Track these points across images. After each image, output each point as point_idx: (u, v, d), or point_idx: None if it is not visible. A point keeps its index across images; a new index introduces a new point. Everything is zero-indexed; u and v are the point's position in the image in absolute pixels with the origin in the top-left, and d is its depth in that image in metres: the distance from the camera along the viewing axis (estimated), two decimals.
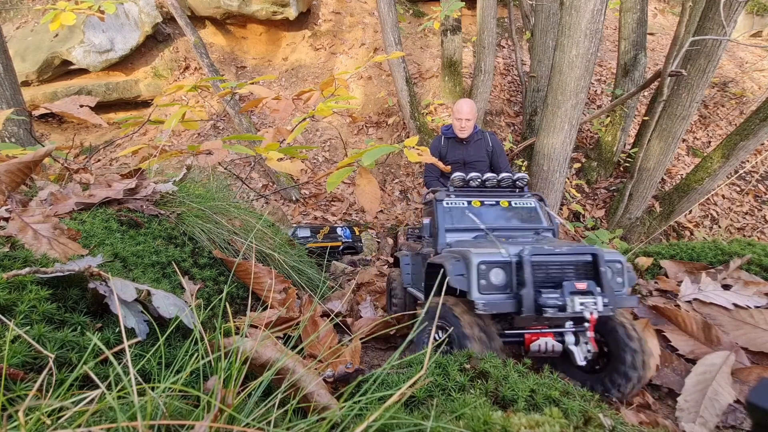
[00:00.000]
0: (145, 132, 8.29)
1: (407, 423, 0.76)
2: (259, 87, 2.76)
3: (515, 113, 9.13)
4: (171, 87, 2.76)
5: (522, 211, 2.37)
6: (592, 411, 0.95)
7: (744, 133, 5.44)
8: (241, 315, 1.56)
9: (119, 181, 1.68)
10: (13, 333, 0.73)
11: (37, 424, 0.57)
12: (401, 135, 8.63)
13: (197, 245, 1.63)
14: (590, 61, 4.37)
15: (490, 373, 1.07)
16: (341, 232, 5.61)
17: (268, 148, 2.32)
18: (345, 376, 0.99)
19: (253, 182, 7.76)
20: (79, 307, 0.93)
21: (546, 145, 4.82)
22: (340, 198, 7.77)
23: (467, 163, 3.92)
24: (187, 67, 9.62)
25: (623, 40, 7.16)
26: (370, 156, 2.01)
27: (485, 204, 2.33)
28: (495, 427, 0.80)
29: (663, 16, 12.97)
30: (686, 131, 7.30)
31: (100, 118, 1.83)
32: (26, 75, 8.25)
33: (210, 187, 2.17)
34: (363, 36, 10.52)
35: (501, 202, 2.33)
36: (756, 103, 9.10)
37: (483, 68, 7.53)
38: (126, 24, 9.03)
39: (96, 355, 0.80)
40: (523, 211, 2.37)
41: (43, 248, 1.06)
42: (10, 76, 3.59)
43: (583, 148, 8.37)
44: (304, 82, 9.81)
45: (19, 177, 1.31)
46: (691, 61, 5.33)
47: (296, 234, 5.15)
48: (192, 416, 0.71)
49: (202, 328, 0.88)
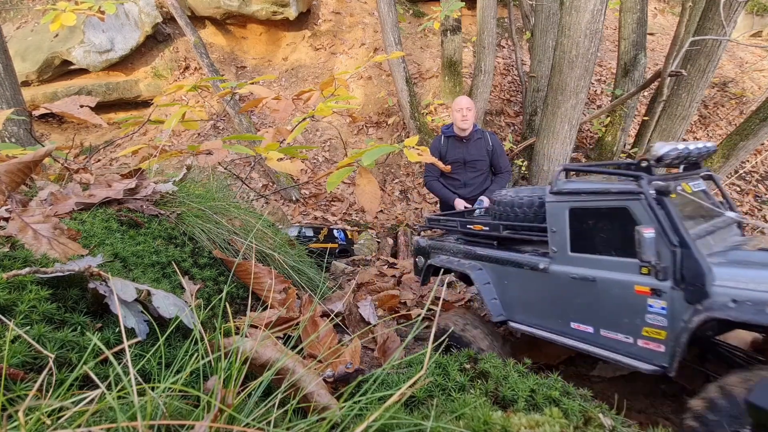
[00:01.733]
0: (145, 132, 8.29)
1: (407, 423, 0.76)
2: (259, 87, 2.76)
3: (515, 113, 9.13)
4: (171, 87, 2.76)
5: (703, 195, 1.72)
6: (592, 411, 0.95)
7: (744, 133, 5.44)
8: (241, 315, 1.56)
9: (119, 181, 1.68)
10: (13, 333, 0.73)
11: (37, 424, 0.57)
12: (401, 135, 8.63)
13: (197, 245, 1.63)
14: (590, 61, 4.37)
15: (490, 373, 1.07)
16: (337, 234, 5.63)
17: (268, 148, 2.32)
18: (345, 376, 0.99)
19: (253, 182, 7.76)
20: (79, 307, 0.93)
21: (546, 145, 4.82)
22: (340, 198, 7.77)
23: (467, 162, 3.92)
24: (187, 67, 9.62)
25: (623, 40, 7.15)
26: (370, 156, 2.01)
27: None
28: (495, 427, 0.80)
29: (663, 16, 12.97)
30: (686, 131, 7.30)
31: (100, 118, 1.83)
32: (26, 75, 8.24)
33: (210, 187, 2.17)
34: (363, 36, 10.52)
35: (684, 186, 1.65)
36: (756, 103, 9.09)
37: (483, 68, 7.52)
38: (126, 24, 9.02)
39: (96, 355, 0.80)
40: (704, 195, 1.73)
41: (43, 248, 1.06)
42: (10, 76, 3.59)
43: (583, 148, 8.37)
44: (304, 82, 9.81)
45: (19, 177, 1.31)
46: (691, 61, 5.33)
47: (303, 233, 5.17)
48: (192, 416, 0.71)
49: (202, 328, 0.87)
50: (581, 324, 1.65)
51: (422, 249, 2.41)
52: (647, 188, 1.45)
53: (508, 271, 1.90)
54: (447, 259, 2.20)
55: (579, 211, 1.64)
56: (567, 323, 1.70)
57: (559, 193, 1.70)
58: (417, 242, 2.48)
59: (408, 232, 6.51)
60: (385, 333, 1.74)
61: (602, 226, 1.58)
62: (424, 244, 2.41)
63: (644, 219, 1.45)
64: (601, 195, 1.58)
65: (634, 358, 1.49)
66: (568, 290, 1.67)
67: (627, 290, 1.50)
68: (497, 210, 2.08)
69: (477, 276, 1.98)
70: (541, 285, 1.76)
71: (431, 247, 2.34)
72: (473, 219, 2.41)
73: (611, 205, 1.55)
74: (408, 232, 6.51)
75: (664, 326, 1.41)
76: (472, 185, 3.99)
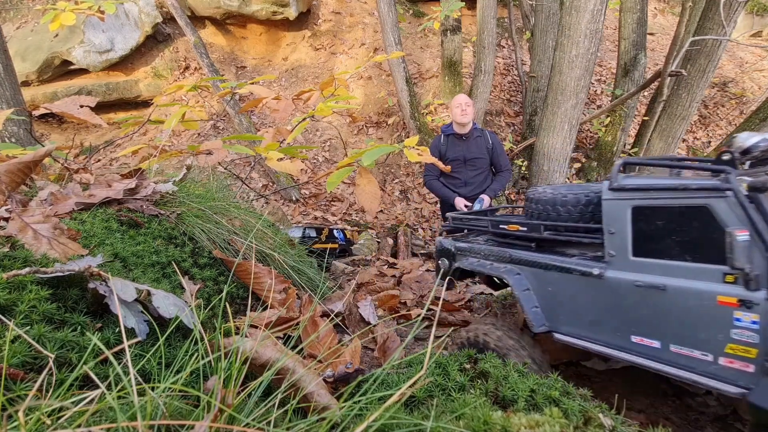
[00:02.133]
0: (145, 132, 8.29)
1: (407, 423, 0.76)
2: (259, 87, 2.76)
3: (515, 113, 9.13)
4: (171, 87, 2.76)
5: None
6: (592, 411, 0.95)
7: None
8: (241, 315, 1.56)
9: (119, 181, 1.68)
10: (13, 333, 0.73)
11: (37, 424, 0.57)
12: (401, 135, 8.63)
13: (197, 245, 1.63)
14: (590, 61, 4.37)
15: (490, 373, 1.07)
16: (337, 235, 5.66)
17: (268, 148, 2.32)
18: (345, 376, 0.99)
19: (253, 182, 7.76)
20: (79, 307, 0.93)
21: (546, 145, 4.82)
22: (340, 198, 7.77)
23: (468, 160, 3.92)
24: (187, 67, 9.62)
25: (623, 40, 7.16)
26: (370, 156, 2.01)
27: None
28: (495, 427, 0.80)
29: (663, 16, 12.97)
30: (686, 131, 7.30)
31: (100, 118, 1.83)
32: (26, 75, 8.25)
33: (210, 187, 2.17)
34: (363, 36, 10.52)
35: None
36: (756, 103, 9.10)
37: (483, 68, 7.53)
38: (126, 24, 9.03)
39: (96, 355, 0.80)
40: None
41: (43, 248, 1.06)
42: (10, 76, 3.59)
43: (583, 148, 8.37)
44: (304, 82, 9.81)
45: (19, 177, 1.31)
46: (691, 61, 5.34)
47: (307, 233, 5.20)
48: (192, 416, 0.71)
49: (202, 328, 0.87)
50: (645, 338, 1.46)
51: (446, 251, 2.20)
52: (736, 184, 1.26)
53: (552, 277, 1.68)
54: (478, 262, 2.00)
55: (645, 210, 1.45)
56: (627, 336, 1.50)
57: (619, 189, 1.51)
58: (440, 243, 2.27)
59: (408, 232, 6.51)
60: (385, 333, 1.74)
61: (674, 228, 1.39)
62: (448, 245, 2.19)
63: (729, 219, 1.27)
64: (673, 192, 1.38)
65: (714, 379, 1.30)
66: (629, 299, 1.47)
67: (707, 301, 1.30)
68: (535, 209, 1.90)
69: (516, 281, 1.77)
70: (594, 293, 1.56)
71: (458, 248, 2.15)
72: (507, 218, 2.24)
73: (687, 203, 1.35)
74: (408, 232, 6.51)
75: (755, 343, 1.23)
76: (472, 184, 3.99)
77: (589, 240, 1.63)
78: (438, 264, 2.27)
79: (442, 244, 2.25)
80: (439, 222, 7.17)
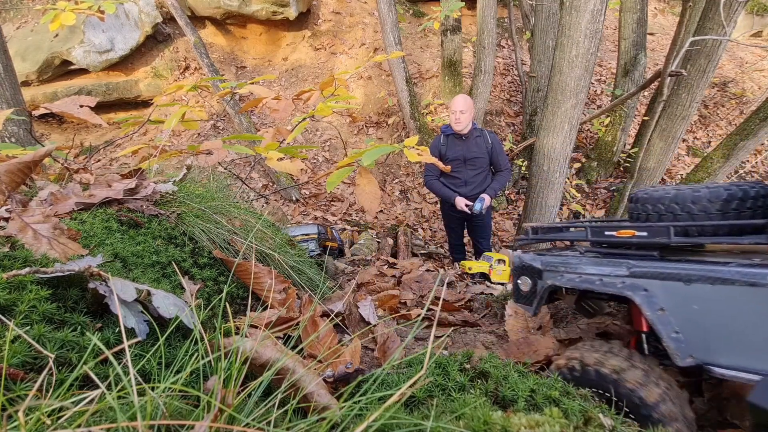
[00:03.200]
0: (145, 132, 8.29)
1: (407, 423, 0.76)
2: (259, 87, 2.76)
3: (515, 113, 9.13)
4: (171, 87, 2.76)
5: None
6: (592, 411, 0.95)
7: (744, 133, 5.44)
8: (241, 315, 1.56)
9: (119, 181, 1.68)
10: (13, 333, 0.73)
11: (37, 424, 0.57)
12: (401, 135, 8.63)
13: (197, 245, 1.63)
14: (590, 61, 4.37)
15: (490, 373, 1.07)
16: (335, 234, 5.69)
17: (268, 148, 2.32)
18: (345, 376, 0.99)
19: (253, 182, 7.76)
20: (79, 307, 0.93)
21: (546, 145, 4.82)
22: (340, 198, 7.77)
23: (467, 160, 3.92)
24: (187, 67, 9.62)
25: (623, 40, 7.16)
26: (370, 156, 2.01)
27: None
28: (495, 427, 0.80)
29: (663, 16, 12.96)
30: (686, 131, 7.31)
31: (100, 118, 1.83)
32: (26, 75, 8.25)
33: (210, 187, 2.17)
34: (363, 36, 10.52)
35: None
36: (756, 103, 9.10)
37: (483, 68, 7.53)
38: (126, 24, 9.03)
39: (96, 355, 0.80)
40: None
41: (43, 248, 1.06)
42: (10, 76, 3.59)
43: (583, 148, 8.37)
44: (304, 82, 9.81)
45: (19, 177, 1.31)
46: (691, 61, 5.34)
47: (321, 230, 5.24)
48: (192, 416, 0.71)
49: (202, 328, 0.88)
50: None
51: (530, 268, 1.80)
52: None
53: (698, 292, 1.31)
54: (581, 279, 1.60)
55: None
56: None
57: None
58: (520, 260, 1.85)
59: (408, 232, 6.50)
60: (385, 333, 1.74)
61: None
62: (532, 261, 1.80)
63: None
64: None
65: None
66: None
67: None
68: (653, 210, 1.60)
69: (644, 301, 1.39)
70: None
71: (547, 264, 1.76)
72: (613, 223, 1.91)
73: None
74: (408, 232, 6.50)
75: None
76: (472, 183, 3.99)
77: (748, 242, 1.31)
78: (516, 284, 1.86)
79: (522, 260, 1.84)
80: (439, 222, 7.16)
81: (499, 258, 3.46)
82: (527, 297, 1.83)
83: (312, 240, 3.20)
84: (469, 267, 3.56)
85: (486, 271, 3.49)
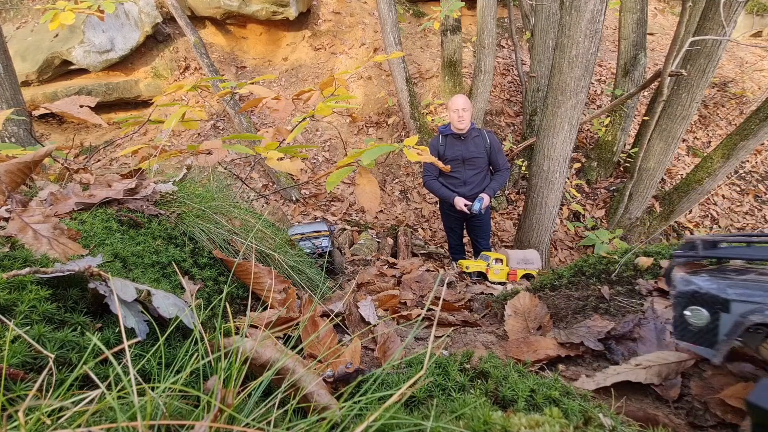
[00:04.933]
0: (145, 132, 8.29)
1: (407, 423, 0.76)
2: (259, 87, 2.76)
3: (515, 113, 9.13)
4: (171, 87, 2.76)
5: None
6: (592, 411, 0.95)
7: (744, 133, 5.44)
8: (241, 315, 1.56)
9: (119, 181, 1.68)
10: (13, 333, 0.73)
11: (37, 424, 0.57)
12: (401, 135, 8.63)
13: (197, 245, 1.63)
14: (590, 61, 4.36)
15: (490, 373, 1.07)
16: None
17: (268, 148, 2.32)
18: (345, 376, 0.99)
19: (253, 182, 7.76)
20: (79, 307, 0.93)
21: (546, 145, 4.82)
22: (340, 198, 7.77)
23: (466, 160, 3.92)
24: (187, 67, 9.62)
25: (623, 40, 7.16)
26: (370, 155, 2.01)
27: None
28: (495, 427, 0.80)
29: (663, 16, 12.96)
30: (686, 131, 7.31)
31: (100, 118, 1.83)
32: (26, 75, 8.25)
33: (210, 187, 2.17)
34: (363, 36, 10.52)
35: None
36: (756, 103, 9.10)
37: (483, 68, 7.53)
38: (126, 24, 9.03)
39: (96, 355, 0.80)
40: None
41: (43, 248, 1.06)
42: (10, 76, 3.60)
43: (583, 148, 8.37)
44: (304, 82, 9.81)
45: (19, 177, 1.31)
46: (691, 61, 5.34)
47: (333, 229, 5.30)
48: (192, 416, 0.71)
49: (202, 328, 0.87)
50: None
51: (708, 296, 1.13)
52: None
53: None
54: None
55: None
56: None
57: None
58: (686, 282, 1.16)
59: (408, 232, 6.50)
60: (385, 333, 1.74)
61: None
62: (711, 287, 1.11)
63: None
64: None
65: None
66: None
67: None
68: None
69: None
70: None
71: (741, 294, 1.05)
72: None
73: None
74: (408, 232, 6.50)
75: None
76: (471, 183, 3.99)
77: None
78: (682, 317, 1.22)
79: (692, 284, 1.15)
80: (439, 222, 7.15)
81: (497, 257, 3.46)
82: (702, 335, 1.23)
83: (325, 236, 3.24)
84: (466, 266, 3.56)
85: (483, 270, 3.49)
